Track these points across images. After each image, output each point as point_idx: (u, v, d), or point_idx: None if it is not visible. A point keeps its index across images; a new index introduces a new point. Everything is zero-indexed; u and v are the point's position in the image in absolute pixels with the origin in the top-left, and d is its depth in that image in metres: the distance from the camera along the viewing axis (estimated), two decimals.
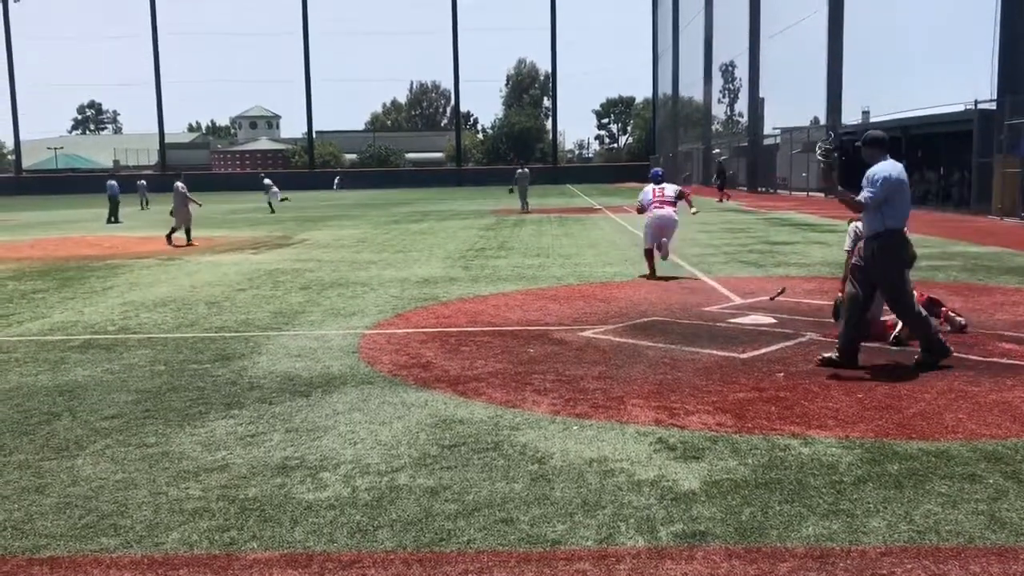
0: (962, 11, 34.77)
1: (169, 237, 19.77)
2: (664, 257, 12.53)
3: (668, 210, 12.43)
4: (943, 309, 7.96)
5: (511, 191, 32.64)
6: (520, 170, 32.79)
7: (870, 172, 6.62)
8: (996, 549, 3.55)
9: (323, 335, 8.42)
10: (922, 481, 4.28)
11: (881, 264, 6.57)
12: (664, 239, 12.37)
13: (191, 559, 3.60)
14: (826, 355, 6.72)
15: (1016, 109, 23.10)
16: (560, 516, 3.94)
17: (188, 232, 19.97)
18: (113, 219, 29.97)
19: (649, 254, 12.43)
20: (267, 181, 37.21)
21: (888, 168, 6.62)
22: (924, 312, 6.87)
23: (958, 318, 7.92)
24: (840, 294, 7.89)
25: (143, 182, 44.95)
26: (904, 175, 6.73)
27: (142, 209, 39.96)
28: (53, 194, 65.86)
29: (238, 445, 5.05)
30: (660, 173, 13.46)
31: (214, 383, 6.55)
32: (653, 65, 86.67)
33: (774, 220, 24.81)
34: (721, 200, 35.86)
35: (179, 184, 20.25)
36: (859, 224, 7.88)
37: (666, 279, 12.00)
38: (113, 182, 31.64)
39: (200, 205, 21.81)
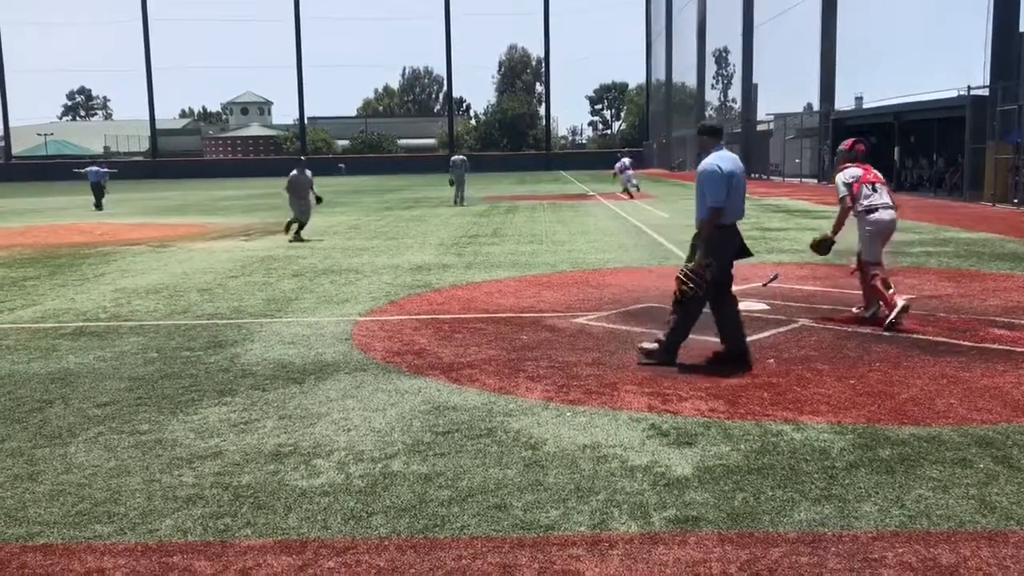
0: None
1: (293, 229, 17.11)
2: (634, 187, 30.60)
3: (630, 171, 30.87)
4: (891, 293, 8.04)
5: (451, 182, 28.26)
6: (455, 157, 28.91)
7: (702, 167, 6.27)
8: (986, 533, 3.57)
9: (316, 322, 8.41)
10: (913, 466, 4.30)
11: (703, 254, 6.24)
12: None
13: (185, 546, 3.60)
14: (646, 346, 6.45)
15: (1008, 95, 23.13)
16: (553, 502, 3.95)
17: (302, 226, 17.24)
18: (98, 206, 29.64)
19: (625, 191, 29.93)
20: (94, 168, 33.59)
21: (716, 160, 6.21)
22: (692, 324, 6.45)
23: (873, 308, 7.89)
24: (828, 232, 8.00)
25: (98, 168, 45.38)
26: (736, 165, 6.29)
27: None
28: (43, 181, 65.49)
29: (231, 432, 5.04)
30: (628, 163, 31.31)
31: (207, 370, 6.54)
32: (646, 51, 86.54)
33: (767, 206, 24.83)
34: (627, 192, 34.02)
35: (309, 172, 17.46)
36: (846, 173, 7.98)
37: (659, 266, 12.02)
38: (94, 168, 31.22)
39: (320, 200, 17.89)
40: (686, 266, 6.38)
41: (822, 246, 8.07)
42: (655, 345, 6.47)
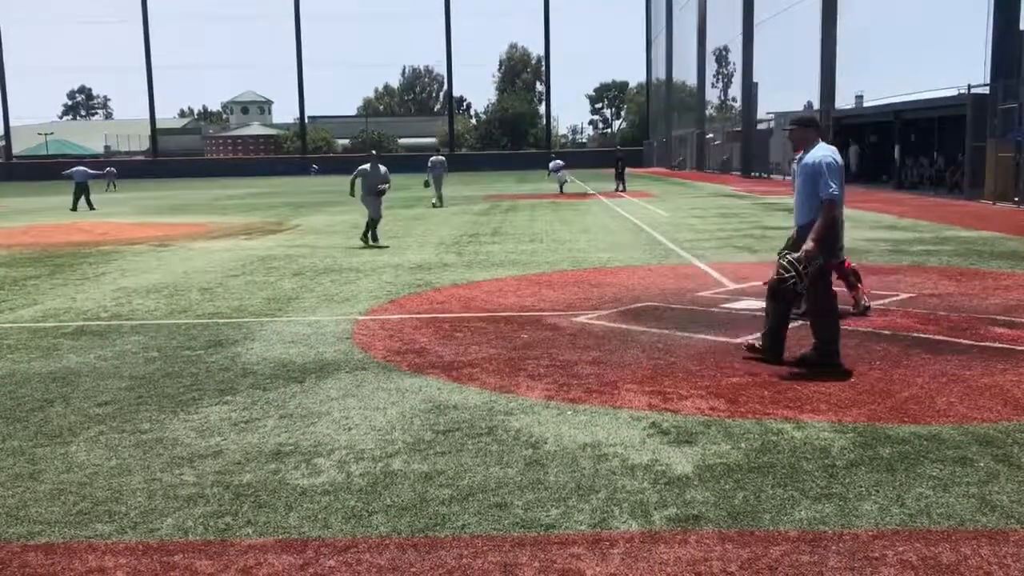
0: None
1: (375, 235, 15.62)
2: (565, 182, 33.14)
3: (563, 171, 33.49)
4: (860, 285, 8.14)
5: (426, 184, 27.20)
6: (434, 157, 27.68)
7: (815, 160, 6.05)
8: (987, 532, 3.57)
9: (316, 321, 8.41)
10: (914, 464, 4.30)
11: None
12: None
13: (186, 545, 3.60)
14: (751, 341, 6.35)
15: (1009, 93, 23.11)
16: (554, 500, 3.96)
17: (375, 224, 15.72)
18: (79, 206, 29.35)
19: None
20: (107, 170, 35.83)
21: (829, 153, 6.09)
22: (837, 313, 6.35)
23: (864, 301, 8.10)
24: (793, 232, 8.00)
25: (112, 168, 48.76)
26: (840, 158, 6.25)
27: (107, 190, 42.17)
28: (43, 180, 65.39)
29: (232, 431, 5.05)
30: (561, 164, 34.73)
31: (207, 369, 6.54)
32: (647, 49, 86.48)
33: (767, 205, 24.83)
34: (617, 189, 33.38)
35: (383, 167, 15.94)
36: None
37: (659, 265, 12.01)
38: (81, 168, 31.05)
39: (384, 188, 15.88)
40: (791, 253, 6.15)
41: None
42: (758, 340, 6.33)
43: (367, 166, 15.82)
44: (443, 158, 28.11)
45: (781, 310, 6.32)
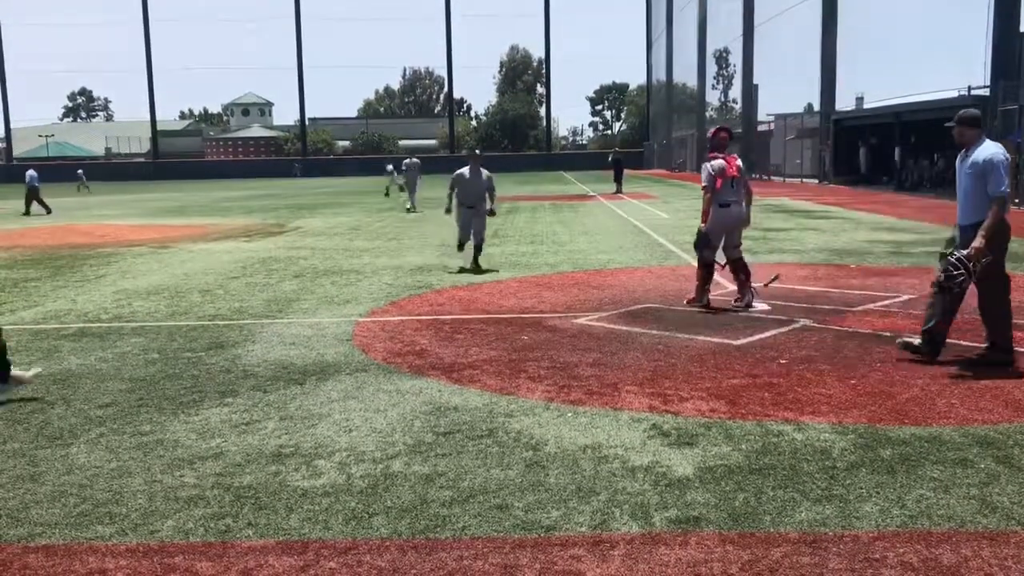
0: None
1: (477, 260, 12.11)
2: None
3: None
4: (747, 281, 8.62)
5: (400, 188, 27.30)
6: (407, 160, 27.87)
7: (985, 158, 5.94)
8: (987, 533, 3.57)
9: (317, 323, 8.42)
10: (914, 466, 4.30)
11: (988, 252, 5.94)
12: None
13: (186, 547, 3.60)
14: (908, 340, 6.41)
15: (1009, 95, 23.13)
16: (555, 502, 3.96)
17: (478, 248, 12.22)
18: (33, 209, 29.00)
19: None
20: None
21: (1000, 150, 5.99)
22: (954, 315, 6.36)
23: (748, 297, 8.58)
24: (702, 225, 8.69)
25: (81, 171, 53.25)
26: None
27: (79, 191, 45.35)
28: (44, 183, 65.25)
29: (233, 433, 5.05)
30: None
31: (208, 371, 6.54)
32: (647, 51, 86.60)
33: (768, 207, 24.81)
34: (617, 191, 33.41)
35: (486, 172, 12.12)
36: (713, 164, 8.45)
37: (659, 267, 12.01)
38: (33, 171, 31.02)
39: (493, 214, 12.48)
40: (957, 250, 6.05)
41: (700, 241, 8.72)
42: (917, 339, 6.33)
43: (465, 170, 12.11)
44: (418, 161, 28.48)
45: (947, 307, 6.23)
